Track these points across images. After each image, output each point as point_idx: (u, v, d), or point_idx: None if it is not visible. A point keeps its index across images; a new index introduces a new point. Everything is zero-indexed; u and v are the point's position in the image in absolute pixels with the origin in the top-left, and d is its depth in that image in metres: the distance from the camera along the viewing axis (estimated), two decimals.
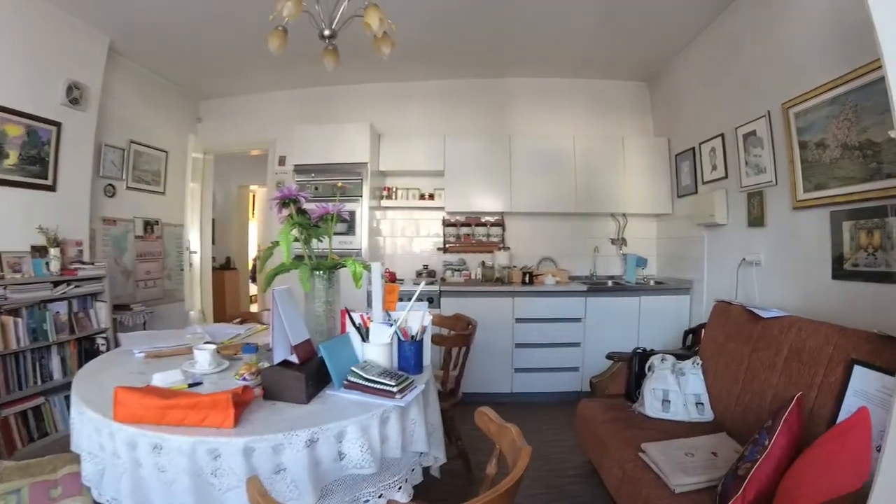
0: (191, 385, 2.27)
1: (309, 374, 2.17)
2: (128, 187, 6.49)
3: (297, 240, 2.72)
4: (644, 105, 6.75)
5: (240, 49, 6.08)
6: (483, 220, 6.76)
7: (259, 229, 11.60)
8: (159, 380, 2.27)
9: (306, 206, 2.88)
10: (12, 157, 4.76)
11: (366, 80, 7.02)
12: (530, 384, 5.65)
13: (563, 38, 5.59)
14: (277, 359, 2.34)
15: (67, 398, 4.80)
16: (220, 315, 8.86)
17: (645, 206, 6.30)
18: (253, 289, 11.58)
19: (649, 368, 3.70)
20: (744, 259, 4.42)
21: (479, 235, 6.77)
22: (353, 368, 2.26)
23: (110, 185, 6.20)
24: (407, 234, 7.02)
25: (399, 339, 2.55)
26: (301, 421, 1.94)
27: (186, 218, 7.54)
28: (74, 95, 5.30)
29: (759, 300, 4.15)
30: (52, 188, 5.20)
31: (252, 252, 11.64)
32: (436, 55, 6.19)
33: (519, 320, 5.70)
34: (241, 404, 1.94)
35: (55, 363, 4.88)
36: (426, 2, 4.81)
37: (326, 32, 3.30)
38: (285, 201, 2.80)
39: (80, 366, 4.77)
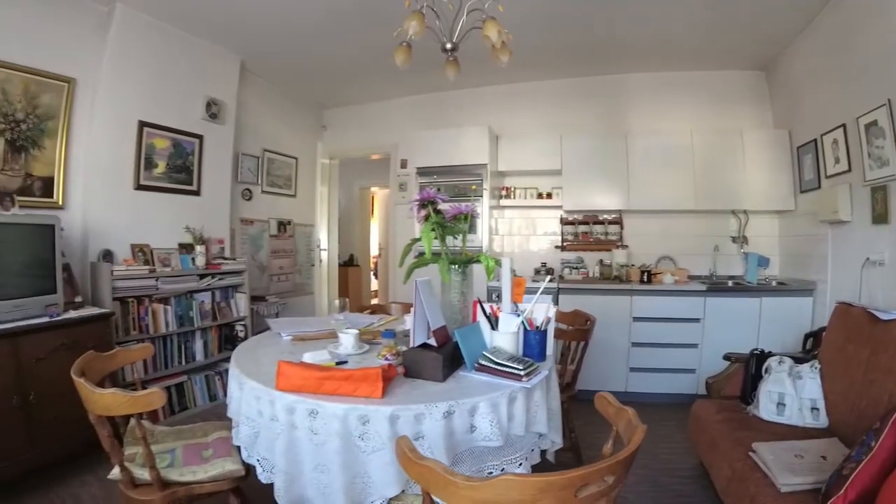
0: (337, 363, 2.41)
1: (445, 356, 2.29)
2: (263, 191, 6.92)
3: (435, 237, 2.82)
4: (762, 95, 6.30)
5: (359, 62, 6.35)
6: (601, 219, 6.59)
7: (380, 228, 11.98)
8: (309, 358, 2.43)
9: (440, 206, 2.98)
10: (161, 167, 5.24)
11: (481, 84, 7.07)
12: (645, 384, 5.52)
13: (672, 28, 5.34)
14: (417, 341, 2.46)
15: (207, 377, 5.33)
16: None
17: (766, 203, 5.89)
18: (374, 284, 12.01)
19: (766, 371, 3.55)
20: (867, 258, 4.15)
21: (596, 233, 6.60)
22: (484, 353, 2.35)
23: (247, 189, 6.62)
24: (524, 232, 6.99)
25: (525, 328, 2.62)
26: (439, 395, 2.05)
27: (316, 218, 8.00)
28: (213, 111, 5.73)
29: (884, 302, 3.86)
30: (196, 193, 5.64)
31: (374, 250, 12.02)
32: (547, 56, 6.12)
33: (636, 319, 5.55)
34: (387, 379, 2.07)
35: (198, 346, 5.30)
36: (535, 4, 4.79)
37: (448, 46, 3.40)
38: (424, 203, 2.89)
39: (220, 349, 5.32)
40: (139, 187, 5.06)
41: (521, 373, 2.25)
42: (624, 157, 6.13)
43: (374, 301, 11.53)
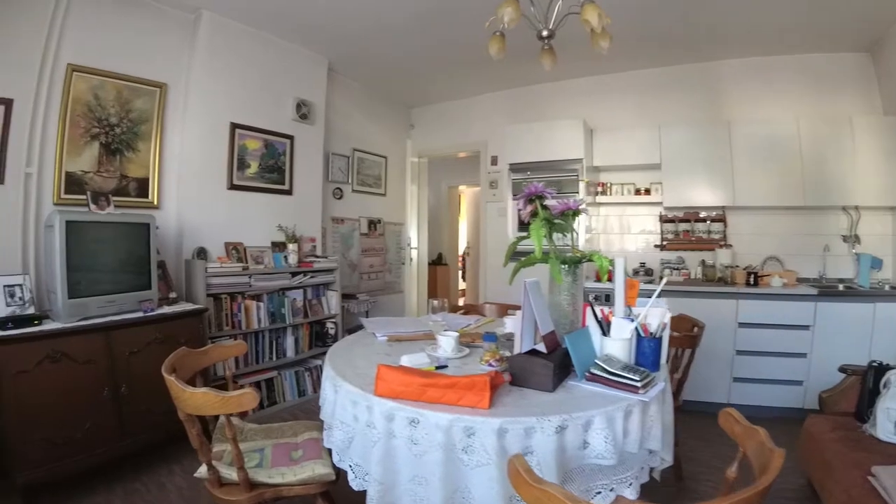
0: (437, 368, 2.24)
1: (555, 364, 2.08)
2: (353, 190, 6.87)
3: (544, 235, 2.55)
4: (869, 79, 5.59)
5: (446, 59, 6.17)
6: (702, 216, 6.00)
7: (468, 227, 11.79)
8: (407, 361, 2.26)
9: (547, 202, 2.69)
10: (253, 167, 5.25)
11: (572, 76, 6.70)
12: (749, 396, 5.01)
13: (770, 9, 4.77)
14: (524, 347, 2.24)
15: (297, 373, 5.31)
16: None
17: (878, 198, 5.17)
18: (461, 283, 11.84)
19: (885, 385, 3.15)
20: None
21: (698, 232, 6.02)
22: (597, 361, 2.13)
23: (338, 188, 6.58)
24: (620, 230, 6.60)
25: (639, 334, 2.37)
26: (550, 407, 1.86)
27: (407, 217, 7.89)
28: (303, 111, 5.71)
29: None
30: (288, 192, 5.62)
31: (461, 248, 11.82)
32: (641, 43, 5.63)
33: (742, 325, 5.05)
34: (493, 387, 1.88)
35: (289, 342, 5.25)
36: None
37: (545, 33, 3.20)
38: (531, 198, 2.63)
39: (310, 346, 5.32)
40: (232, 187, 5.08)
41: (638, 384, 2.03)
42: (727, 149, 5.58)
43: (462, 300, 11.45)
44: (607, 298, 5.23)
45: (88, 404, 3.34)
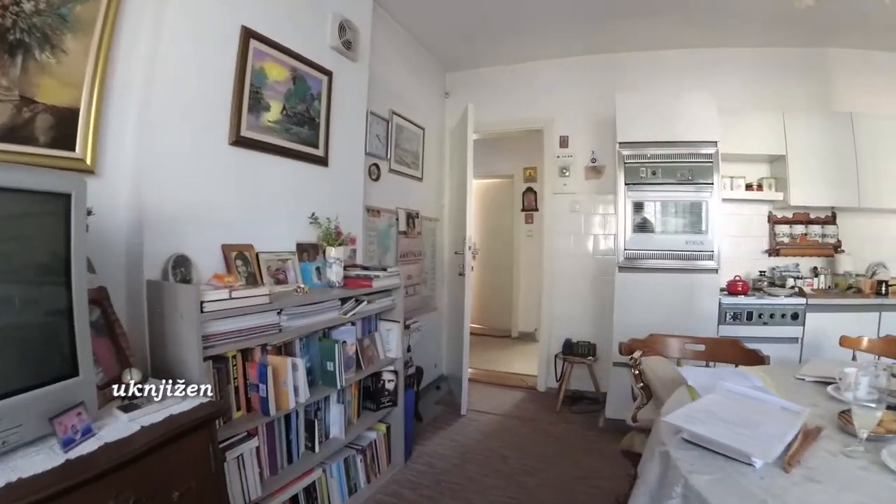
0: None
1: None
2: (390, 169, 4.37)
3: None
4: None
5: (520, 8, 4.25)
6: (813, 217, 4.83)
7: (477, 223, 9.02)
8: None
9: None
10: (274, 110, 2.79)
11: (670, 46, 4.88)
12: None
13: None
14: None
15: (346, 461, 2.88)
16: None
17: None
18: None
19: None
20: None
21: (813, 235, 4.82)
22: None
23: (375, 164, 4.07)
24: (729, 232, 4.76)
25: None
26: None
27: (447, 211, 5.32)
28: (347, 37, 3.33)
29: None
30: (323, 161, 3.18)
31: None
32: (751, 17, 4.28)
33: None
34: None
35: (334, 416, 2.81)
36: None
37: None
38: None
39: (359, 412, 3.05)
40: (238, 141, 2.55)
41: None
42: (850, 144, 4.46)
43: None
44: None
45: None
